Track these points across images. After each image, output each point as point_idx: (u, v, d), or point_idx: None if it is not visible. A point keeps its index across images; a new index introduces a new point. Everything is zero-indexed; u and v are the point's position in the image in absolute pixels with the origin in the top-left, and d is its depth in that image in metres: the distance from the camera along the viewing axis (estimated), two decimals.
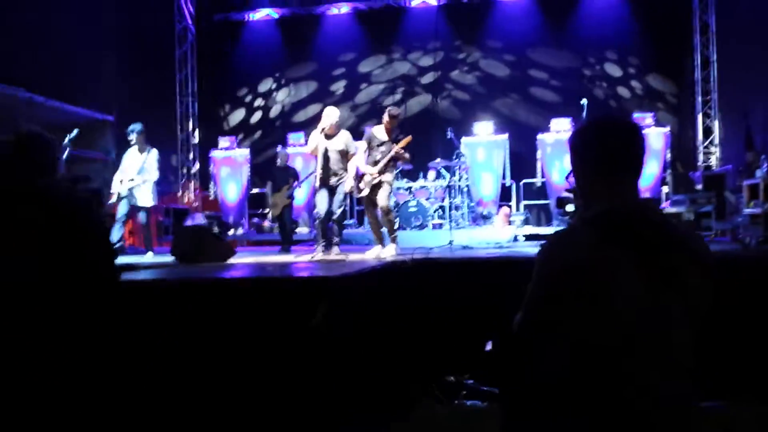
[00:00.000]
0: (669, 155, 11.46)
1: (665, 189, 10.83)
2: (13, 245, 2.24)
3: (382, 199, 6.62)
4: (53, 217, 2.32)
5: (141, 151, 7.70)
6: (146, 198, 7.73)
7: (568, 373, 1.75)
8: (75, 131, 7.04)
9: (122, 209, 7.56)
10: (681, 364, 1.71)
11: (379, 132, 6.79)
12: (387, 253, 6.59)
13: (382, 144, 6.71)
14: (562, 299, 1.74)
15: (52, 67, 9.20)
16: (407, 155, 6.74)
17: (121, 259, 5.93)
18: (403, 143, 6.65)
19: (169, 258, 6.49)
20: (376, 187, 6.69)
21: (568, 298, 1.73)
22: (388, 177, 6.71)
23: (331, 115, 6.70)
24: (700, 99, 12.07)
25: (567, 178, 1.77)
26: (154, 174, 7.70)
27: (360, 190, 6.76)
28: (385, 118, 6.77)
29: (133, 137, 7.68)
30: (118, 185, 7.60)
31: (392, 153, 6.62)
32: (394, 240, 6.79)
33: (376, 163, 6.68)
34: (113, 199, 7.58)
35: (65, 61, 9.45)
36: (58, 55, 9.30)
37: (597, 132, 1.90)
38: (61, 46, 9.37)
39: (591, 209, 1.86)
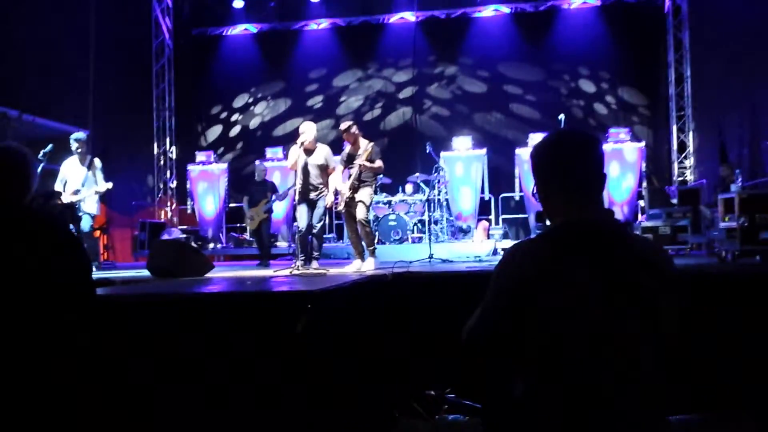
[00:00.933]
0: (645, 169, 11.60)
1: (641, 203, 10.95)
2: None
3: (360, 212, 6.62)
4: (33, 234, 2.29)
5: (82, 161, 7.40)
6: (91, 206, 7.40)
7: (525, 387, 1.75)
8: (50, 146, 6.92)
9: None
10: (643, 378, 1.69)
11: (348, 150, 6.88)
12: (367, 266, 6.57)
13: (353, 160, 6.76)
14: (516, 311, 1.74)
15: (26, 81, 9.08)
16: (375, 164, 6.70)
17: (96, 274, 5.82)
18: (365, 155, 6.64)
19: (144, 272, 6.39)
20: (354, 202, 6.70)
21: (522, 310, 1.72)
22: (365, 191, 6.72)
23: (309, 130, 6.74)
24: (674, 114, 12.26)
25: (533, 193, 1.79)
26: (103, 185, 7.40)
27: (338, 206, 6.77)
28: (345, 140, 6.88)
29: (76, 146, 7.37)
30: (67, 198, 7.23)
31: (356, 169, 6.66)
32: (372, 253, 6.78)
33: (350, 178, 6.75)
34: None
35: (40, 74, 9.33)
36: (33, 69, 9.19)
37: (551, 148, 1.90)
38: (37, 59, 9.26)
39: (550, 223, 1.88)
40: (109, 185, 7.46)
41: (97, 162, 7.45)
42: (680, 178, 12.04)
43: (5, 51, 8.61)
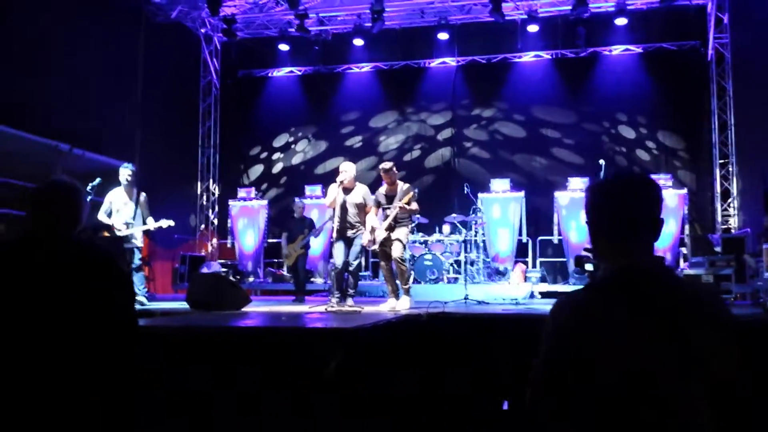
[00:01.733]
0: (687, 216, 11.41)
1: (684, 250, 10.75)
2: (43, 293, 2.27)
3: (396, 251, 6.68)
4: (81, 266, 2.36)
5: (130, 194, 7.39)
6: (138, 239, 7.39)
7: None
8: (97, 179, 7.13)
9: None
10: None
11: (384, 190, 7.00)
12: (402, 306, 6.58)
13: (390, 201, 6.88)
14: (569, 365, 1.70)
15: (78, 117, 9.44)
16: (412, 206, 6.80)
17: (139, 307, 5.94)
18: (405, 199, 6.74)
19: (184, 305, 6.50)
20: (390, 241, 6.76)
21: (575, 364, 1.68)
22: (402, 231, 6.79)
23: (349, 169, 6.91)
24: (717, 161, 12.09)
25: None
26: (153, 222, 7.38)
27: (373, 243, 6.87)
28: (384, 180, 6.99)
29: (127, 176, 7.36)
30: (123, 230, 7.24)
31: (395, 211, 6.74)
32: (407, 292, 6.79)
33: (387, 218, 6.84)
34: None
35: (91, 110, 9.69)
36: (85, 105, 9.55)
37: (601, 189, 1.88)
38: (88, 96, 9.63)
39: (601, 271, 1.85)
40: (171, 222, 7.45)
41: (144, 196, 7.53)
42: (724, 226, 11.79)
43: (59, 87, 8.99)
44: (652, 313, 1.65)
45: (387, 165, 7.00)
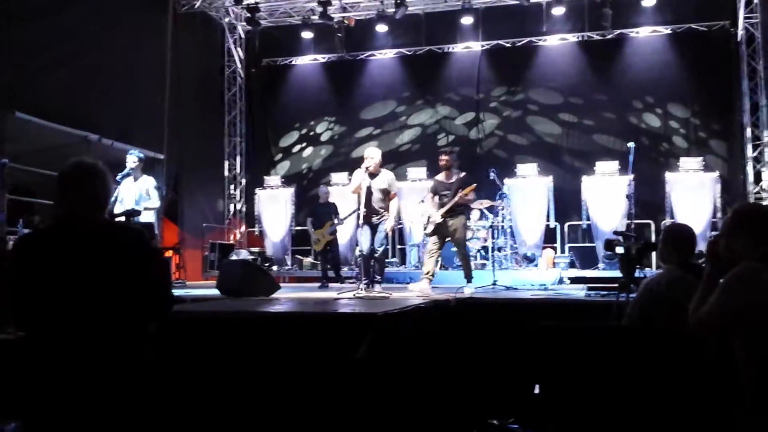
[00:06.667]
0: (719, 199, 11.21)
1: (716, 233, 10.57)
2: (77, 274, 2.32)
3: (459, 237, 7.17)
4: (113, 247, 2.40)
5: (136, 179, 7.22)
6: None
7: None
8: (126, 169, 7.20)
9: None
10: None
11: (441, 177, 7.35)
12: (421, 287, 6.75)
13: (446, 188, 7.17)
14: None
15: (107, 108, 9.56)
16: (470, 197, 7.25)
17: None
18: (467, 191, 7.07)
19: (214, 291, 6.57)
20: (447, 225, 7.09)
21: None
22: (459, 220, 7.18)
23: (375, 155, 6.97)
24: (750, 144, 11.84)
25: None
26: (155, 201, 7.21)
27: (425, 229, 7.31)
28: (441, 163, 7.41)
29: (134, 162, 7.19)
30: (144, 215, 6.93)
31: (456, 199, 7.05)
32: (469, 279, 7.15)
33: (443, 206, 7.10)
34: None
35: (119, 101, 9.80)
36: (113, 96, 9.66)
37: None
38: (116, 87, 9.74)
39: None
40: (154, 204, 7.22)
41: (151, 180, 7.36)
42: None
43: (87, 79, 9.10)
44: None
45: (446, 153, 7.45)
